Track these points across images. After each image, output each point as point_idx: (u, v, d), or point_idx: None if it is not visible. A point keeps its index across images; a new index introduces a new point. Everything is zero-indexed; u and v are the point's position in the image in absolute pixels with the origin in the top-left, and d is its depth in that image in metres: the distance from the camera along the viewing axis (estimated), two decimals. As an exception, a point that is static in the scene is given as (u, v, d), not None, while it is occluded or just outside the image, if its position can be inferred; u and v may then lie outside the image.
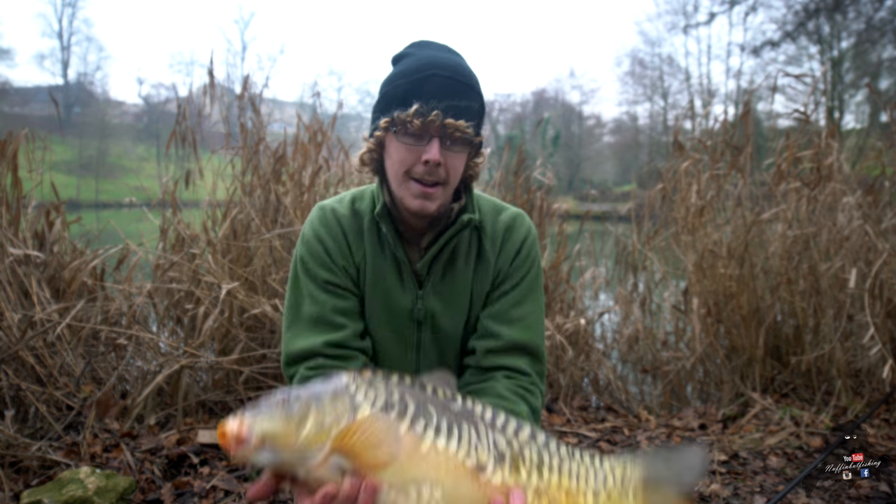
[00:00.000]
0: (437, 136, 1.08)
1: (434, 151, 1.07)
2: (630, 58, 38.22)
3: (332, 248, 1.20)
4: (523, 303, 1.22)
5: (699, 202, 3.34)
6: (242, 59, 42.71)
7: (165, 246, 3.09)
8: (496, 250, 1.23)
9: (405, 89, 1.08)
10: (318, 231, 1.21)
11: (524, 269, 1.23)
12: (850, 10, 18.90)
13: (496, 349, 1.19)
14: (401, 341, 1.22)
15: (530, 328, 1.21)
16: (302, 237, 1.24)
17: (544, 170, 3.74)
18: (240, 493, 2.02)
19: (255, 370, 2.67)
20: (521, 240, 1.24)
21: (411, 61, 1.11)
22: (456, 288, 1.21)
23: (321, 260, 1.19)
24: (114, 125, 40.37)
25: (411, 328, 1.21)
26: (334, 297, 1.18)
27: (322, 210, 1.24)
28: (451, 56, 1.13)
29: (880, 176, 3.39)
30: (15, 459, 2.07)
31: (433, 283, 1.20)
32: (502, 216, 1.26)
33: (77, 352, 2.69)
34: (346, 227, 1.22)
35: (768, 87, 11.67)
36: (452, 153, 1.10)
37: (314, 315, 1.17)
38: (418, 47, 1.15)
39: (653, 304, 3.61)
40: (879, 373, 2.72)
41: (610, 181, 31.48)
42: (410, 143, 1.09)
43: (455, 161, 1.11)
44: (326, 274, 1.19)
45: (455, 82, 1.08)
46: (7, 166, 2.84)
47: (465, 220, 1.17)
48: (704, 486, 2.13)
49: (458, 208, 1.19)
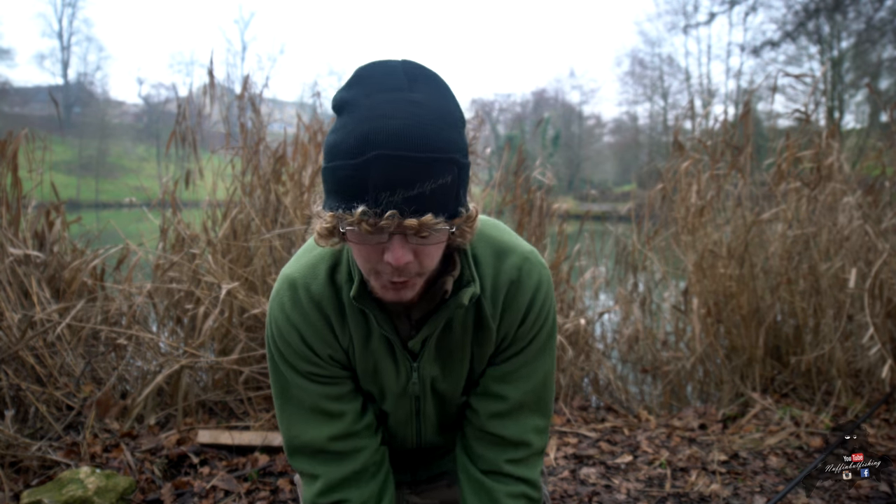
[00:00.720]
0: (399, 233, 0.81)
1: (397, 255, 0.82)
2: (630, 58, 38.29)
3: (311, 339, 1.02)
4: (533, 362, 1.08)
5: (699, 202, 3.34)
6: (242, 59, 42.74)
7: (165, 246, 3.09)
8: (497, 314, 1.03)
9: (346, 182, 0.79)
10: (292, 319, 1.01)
11: (533, 332, 1.06)
12: (850, 10, 18.90)
13: (501, 413, 1.09)
14: (399, 411, 1.13)
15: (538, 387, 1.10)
16: (272, 320, 1.04)
17: (544, 170, 3.74)
18: (240, 493, 2.02)
19: (255, 370, 2.67)
20: (527, 301, 1.03)
21: (351, 125, 0.80)
22: (454, 352, 1.06)
23: (300, 353, 1.03)
24: (114, 125, 40.36)
25: (409, 399, 1.11)
26: (324, 385, 1.05)
27: (293, 288, 1.01)
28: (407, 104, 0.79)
29: (880, 176, 3.39)
30: (15, 459, 2.07)
31: (428, 353, 1.05)
32: (505, 266, 1.02)
33: (77, 352, 2.70)
34: (326, 309, 1.01)
35: (768, 87, 11.67)
36: (424, 245, 0.84)
37: (307, 404, 1.05)
38: (364, 86, 0.82)
39: (653, 304, 3.61)
40: (879, 373, 2.72)
41: (610, 181, 31.49)
42: (367, 243, 0.83)
43: (430, 251, 0.86)
44: (309, 367, 1.04)
45: (411, 161, 0.76)
46: (7, 166, 2.84)
47: (466, 300, 0.96)
48: (704, 486, 2.13)
49: (452, 279, 0.97)
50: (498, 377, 1.09)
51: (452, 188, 0.81)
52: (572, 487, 2.16)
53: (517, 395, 1.08)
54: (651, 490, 2.14)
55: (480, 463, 1.12)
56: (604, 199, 16.42)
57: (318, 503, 1.08)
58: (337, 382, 1.07)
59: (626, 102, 42.04)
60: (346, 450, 1.07)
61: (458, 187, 0.83)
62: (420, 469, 1.30)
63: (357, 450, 1.08)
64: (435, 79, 0.85)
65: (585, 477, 2.25)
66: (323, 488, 1.08)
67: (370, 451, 1.10)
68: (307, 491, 1.11)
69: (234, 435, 2.34)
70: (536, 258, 1.05)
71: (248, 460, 2.25)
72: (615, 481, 2.21)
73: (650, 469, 2.32)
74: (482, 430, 1.11)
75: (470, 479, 1.13)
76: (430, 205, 0.79)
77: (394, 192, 0.77)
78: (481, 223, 1.05)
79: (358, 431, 1.08)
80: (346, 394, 1.08)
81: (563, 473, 2.27)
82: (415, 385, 1.07)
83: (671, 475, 2.25)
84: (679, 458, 2.40)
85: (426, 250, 0.85)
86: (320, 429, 1.06)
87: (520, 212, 3.45)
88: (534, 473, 1.12)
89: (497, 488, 1.09)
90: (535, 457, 1.13)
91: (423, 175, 0.77)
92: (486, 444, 1.11)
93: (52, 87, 39.89)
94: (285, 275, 1.04)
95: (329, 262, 1.02)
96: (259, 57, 50.51)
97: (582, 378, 3.24)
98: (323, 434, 1.06)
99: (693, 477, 2.22)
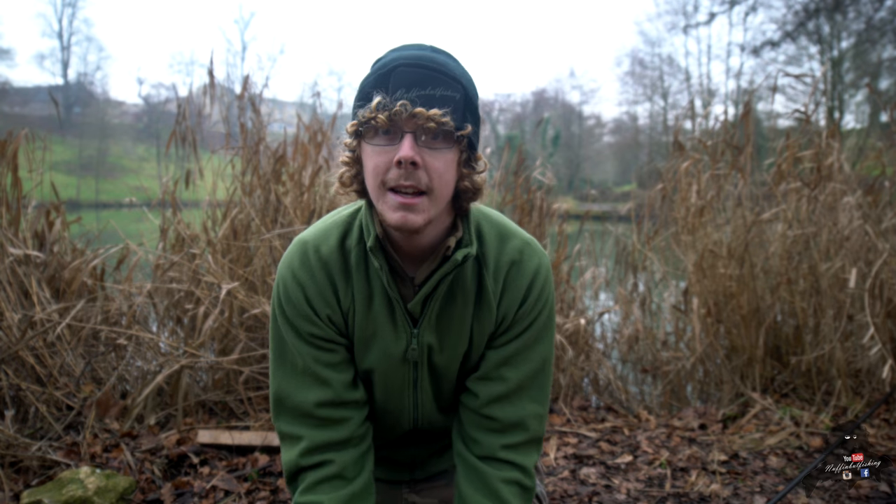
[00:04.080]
0: (410, 131, 0.91)
1: (406, 148, 0.90)
2: (630, 58, 38.26)
3: (314, 297, 1.06)
4: (533, 346, 1.11)
5: (699, 202, 3.34)
6: (242, 59, 42.72)
7: (165, 246, 3.09)
8: (498, 291, 1.08)
9: (370, 86, 0.94)
10: (298, 277, 1.06)
11: (532, 315, 1.10)
12: (850, 10, 18.92)
13: (501, 395, 1.10)
14: (396, 380, 1.13)
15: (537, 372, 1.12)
16: (280, 279, 1.09)
17: (544, 170, 3.74)
18: (240, 493, 2.02)
19: (255, 370, 2.67)
20: (527, 283, 1.08)
21: (381, 60, 0.97)
22: (453, 325, 1.09)
23: (301, 310, 1.06)
24: (114, 125, 40.40)
25: (407, 367, 1.12)
26: (318, 350, 1.08)
27: (304, 249, 1.07)
28: (429, 52, 0.97)
29: (880, 176, 3.39)
30: (15, 459, 2.07)
31: (429, 320, 1.07)
32: (507, 247, 1.08)
33: (77, 352, 2.70)
34: (332, 270, 1.06)
35: (768, 87, 11.68)
36: (431, 150, 0.93)
37: (300, 366, 1.08)
38: (397, 50, 0.99)
39: (653, 304, 3.61)
40: (879, 373, 2.72)
41: (610, 181, 31.48)
42: (380, 144, 0.93)
43: (436, 161, 0.93)
44: (308, 326, 1.07)
45: (425, 70, 0.92)
46: (7, 166, 2.84)
47: (460, 257, 1.00)
48: (704, 486, 2.13)
49: (454, 241, 1.03)
50: (498, 361, 1.11)
51: (460, 105, 0.94)
52: (572, 487, 2.16)
53: (517, 378, 1.10)
54: (651, 490, 2.14)
55: (476, 448, 1.12)
56: (604, 199, 16.41)
57: (301, 463, 1.08)
58: (332, 349, 1.09)
59: (626, 102, 42.01)
60: (332, 417, 1.08)
61: (465, 110, 0.95)
62: (418, 468, 1.30)
63: (343, 419, 1.09)
64: (458, 59, 1.01)
65: (585, 477, 2.25)
66: (306, 449, 1.08)
67: (355, 422, 1.11)
68: (289, 453, 1.09)
69: (234, 435, 2.34)
70: (537, 245, 1.12)
71: (248, 460, 2.25)
72: (615, 481, 2.21)
73: (650, 469, 2.32)
74: (480, 414, 1.12)
75: (465, 463, 1.13)
76: (440, 103, 0.91)
77: (409, 89, 0.91)
78: (487, 210, 1.13)
79: (345, 402, 1.10)
80: (338, 362, 1.10)
81: (563, 473, 2.27)
82: (414, 351, 1.09)
83: (671, 475, 2.25)
84: (679, 458, 2.40)
85: (433, 163, 0.93)
86: (309, 392, 1.08)
87: (520, 212, 3.45)
88: (528, 461, 1.12)
89: (491, 473, 1.10)
90: (531, 444, 1.13)
91: (436, 82, 0.92)
92: (484, 428, 1.12)
93: (52, 87, 39.93)
94: (298, 238, 1.10)
95: (342, 229, 1.09)
96: (259, 57, 50.59)
97: (582, 378, 3.24)
98: (311, 398, 1.07)
99: (693, 477, 2.22)
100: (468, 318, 1.09)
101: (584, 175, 29.77)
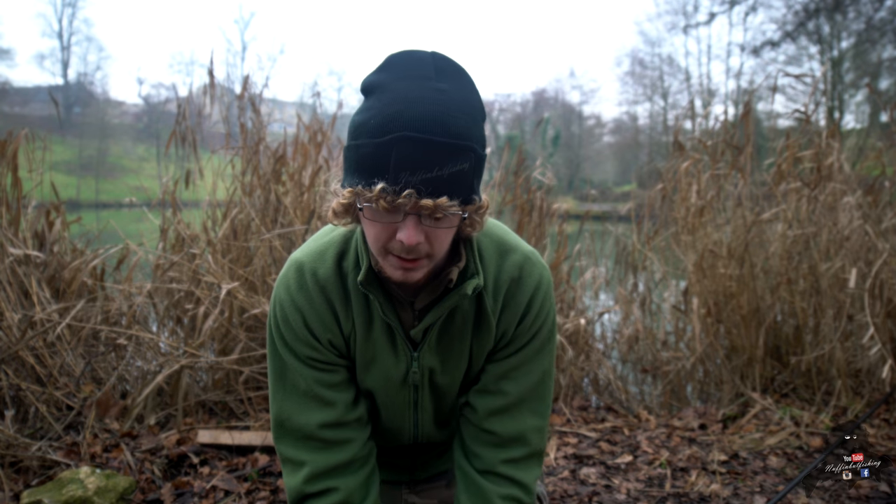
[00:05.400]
0: (414, 213, 0.85)
1: (410, 234, 0.85)
2: (630, 58, 38.29)
3: (313, 322, 1.03)
4: (532, 361, 1.09)
5: (699, 202, 3.34)
6: (242, 59, 42.73)
7: (165, 246, 3.09)
8: (497, 309, 1.05)
9: (368, 160, 0.84)
10: (296, 301, 1.03)
11: (532, 330, 1.08)
12: (850, 10, 18.93)
13: (500, 409, 1.09)
14: (397, 401, 1.13)
15: (537, 385, 1.10)
16: (277, 302, 1.06)
17: (544, 170, 3.73)
18: (240, 493, 2.02)
19: (255, 370, 2.67)
20: (527, 299, 1.05)
21: (378, 106, 0.85)
22: (454, 346, 1.07)
23: (301, 336, 1.04)
24: (114, 125, 40.40)
25: (408, 389, 1.11)
26: (320, 372, 1.06)
27: (300, 272, 1.04)
28: (433, 92, 0.84)
29: (880, 176, 3.39)
30: (15, 459, 2.07)
31: (429, 344, 1.06)
32: (507, 264, 1.05)
33: (77, 352, 2.70)
34: (331, 294, 1.03)
35: (768, 87, 11.67)
36: (435, 228, 0.88)
37: (301, 388, 1.06)
38: (393, 72, 0.87)
39: (653, 304, 3.61)
40: (879, 373, 2.72)
41: (610, 181, 31.49)
42: (382, 221, 0.87)
43: (440, 234, 0.89)
44: (308, 350, 1.05)
45: (432, 145, 0.81)
46: (7, 166, 2.84)
47: (469, 290, 0.98)
48: (704, 486, 2.13)
49: (457, 270, 0.99)
50: (498, 374, 1.10)
51: (468, 175, 0.85)
52: (572, 487, 2.16)
53: (516, 392, 1.09)
54: (651, 490, 2.14)
55: (477, 462, 1.12)
56: (604, 199, 16.42)
57: (306, 490, 1.07)
58: (333, 370, 1.08)
59: (626, 102, 42.03)
60: (335, 439, 1.07)
61: (474, 176, 0.87)
62: (418, 470, 1.30)
63: (346, 440, 1.08)
64: (461, 72, 0.90)
65: (585, 477, 2.25)
66: (310, 475, 1.07)
67: (359, 443, 1.10)
68: (292, 478, 1.08)
69: (234, 435, 2.34)
70: (538, 259, 1.08)
71: (248, 460, 2.25)
72: (615, 481, 2.21)
73: (650, 469, 2.32)
74: (480, 428, 1.11)
75: (465, 477, 1.13)
76: (446, 188, 0.83)
77: (413, 172, 0.81)
78: (486, 222, 1.08)
79: (348, 422, 1.09)
80: (340, 382, 1.08)
81: (563, 473, 2.27)
82: (415, 374, 1.08)
83: (671, 475, 2.25)
84: (679, 458, 2.40)
85: (437, 234, 0.88)
86: (312, 414, 1.06)
87: (520, 212, 3.45)
88: (529, 477, 1.11)
89: (490, 489, 1.09)
90: (532, 459, 1.12)
91: (443, 159, 0.82)
92: (484, 442, 1.11)
93: (52, 87, 39.90)
94: (294, 258, 1.07)
95: (338, 249, 1.05)
96: (259, 57, 50.54)
97: (582, 378, 3.24)
98: (314, 420, 1.06)
99: (693, 477, 2.22)
100: (468, 337, 1.07)
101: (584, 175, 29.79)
